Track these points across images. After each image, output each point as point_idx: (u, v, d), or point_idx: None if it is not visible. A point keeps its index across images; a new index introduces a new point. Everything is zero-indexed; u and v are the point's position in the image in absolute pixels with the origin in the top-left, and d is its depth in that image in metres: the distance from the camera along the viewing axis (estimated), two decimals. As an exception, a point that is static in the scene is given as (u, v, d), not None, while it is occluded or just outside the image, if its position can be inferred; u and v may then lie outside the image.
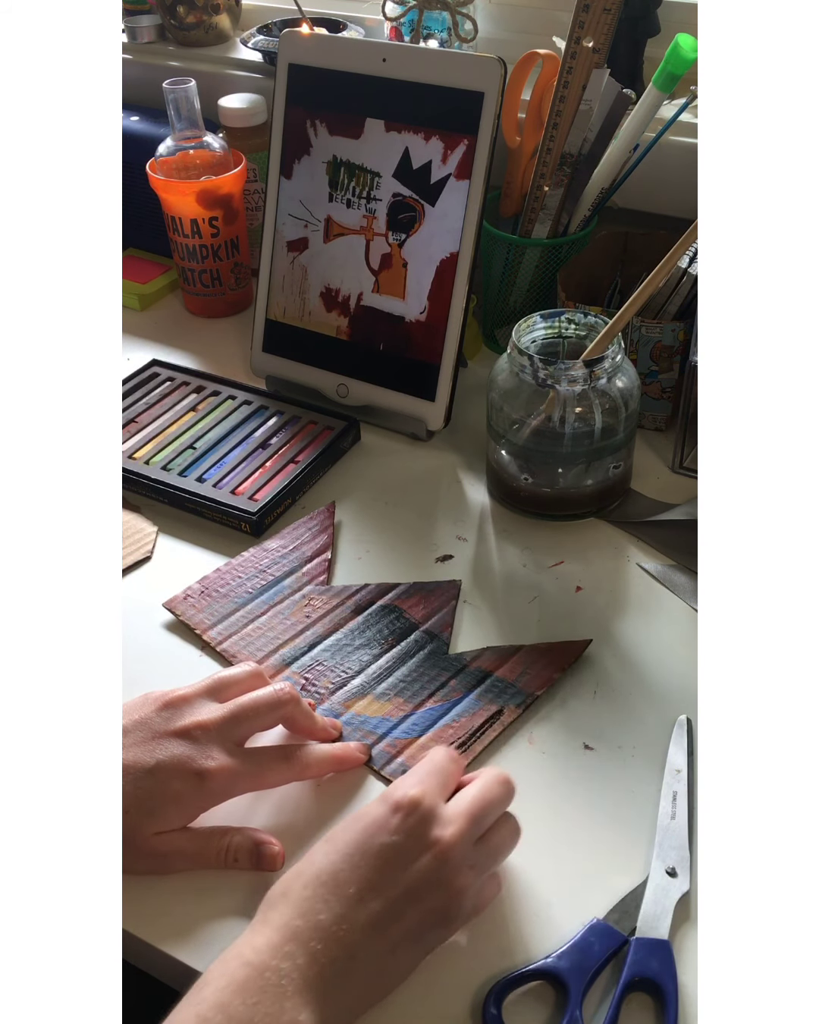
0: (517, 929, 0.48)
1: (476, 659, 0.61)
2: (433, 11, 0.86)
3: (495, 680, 0.59)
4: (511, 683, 0.59)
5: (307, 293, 0.81)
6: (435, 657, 0.61)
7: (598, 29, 0.70)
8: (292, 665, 0.61)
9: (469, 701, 0.58)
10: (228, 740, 0.52)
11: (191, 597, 0.65)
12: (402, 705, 0.58)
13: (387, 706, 0.58)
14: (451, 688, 0.59)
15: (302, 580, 0.67)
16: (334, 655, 0.61)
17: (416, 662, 0.61)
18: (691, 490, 0.72)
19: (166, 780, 0.49)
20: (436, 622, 0.63)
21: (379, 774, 0.55)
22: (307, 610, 0.64)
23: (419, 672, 0.60)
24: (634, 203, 0.83)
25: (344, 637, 0.63)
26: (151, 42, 1.03)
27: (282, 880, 0.46)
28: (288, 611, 0.64)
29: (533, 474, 0.69)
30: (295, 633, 0.63)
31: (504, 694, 0.58)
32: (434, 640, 0.62)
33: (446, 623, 0.63)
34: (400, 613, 0.64)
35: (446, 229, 0.73)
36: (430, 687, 0.59)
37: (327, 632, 0.63)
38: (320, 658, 0.61)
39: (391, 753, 0.56)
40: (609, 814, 0.53)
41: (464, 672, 0.60)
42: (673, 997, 0.45)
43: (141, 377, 0.84)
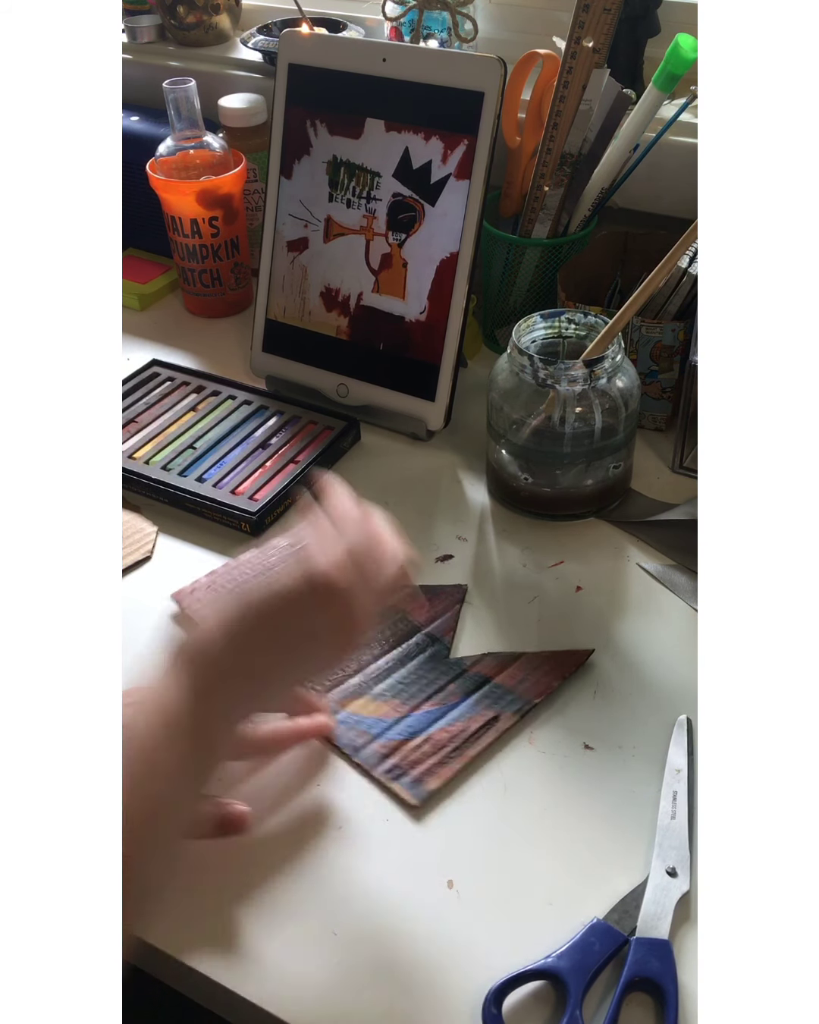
0: (517, 929, 0.48)
1: (476, 664, 0.60)
2: (433, 11, 0.86)
3: (494, 686, 0.59)
4: (509, 689, 0.59)
5: (307, 293, 0.81)
6: (435, 661, 0.61)
7: (598, 29, 0.70)
8: None
9: (466, 706, 0.58)
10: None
11: (197, 591, 0.65)
12: (398, 707, 0.58)
13: (383, 707, 0.58)
14: (449, 692, 0.59)
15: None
16: None
17: (416, 664, 0.61)
18: (691, 490, 0.72)
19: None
20: (439, 625, 0.63)
21: (370, 775, 0.55)
22: None
23: (418, 675, 0.60)
24: (634, 203, 0.83)
25: None
26: (151, 42, 1.03)
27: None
28: None
29: (533, 474, 0.69)
30: None
31: (502, 700, 0.58)
32: (435, 643, 0.62)
33: (449, 627, 0.63)
34: (402, 615, 0.64)
35: (446, 229, 0.73)
36: (428, 690, 0.59)
37: None
38: None
39: (383, 754, 0.56)
40: (609, 814, 0.53)
41: (463, 677, 0.60)
42: (673, 997, 0.45)
43: (141, 377, 0.84)
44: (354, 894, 0.50)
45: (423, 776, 0.54)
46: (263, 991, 0.47)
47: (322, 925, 0.49)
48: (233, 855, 0.52)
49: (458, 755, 0.55)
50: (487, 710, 0.58)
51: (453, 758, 0.55)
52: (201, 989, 0.49)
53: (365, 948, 0.48)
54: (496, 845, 0.52)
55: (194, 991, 0.50)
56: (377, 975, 0.47)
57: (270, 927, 0.49)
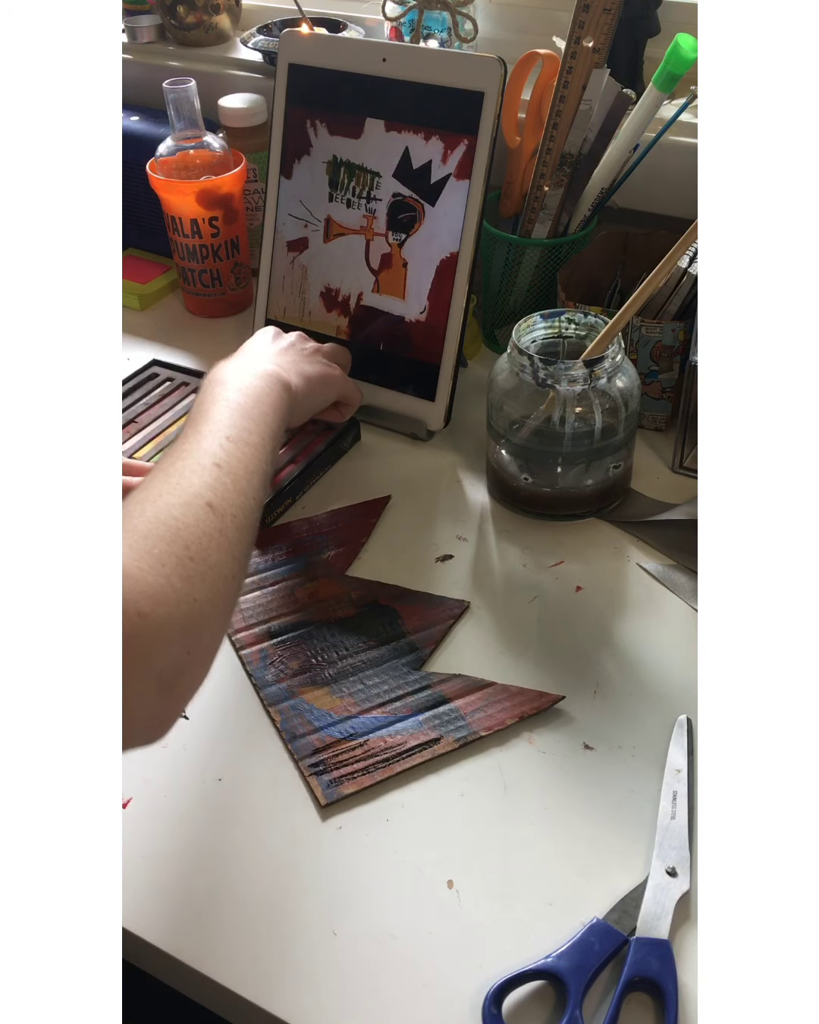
0: (517, 929, 0.48)
1: (442, 683, 0.60)
2: (433, 11, 0.86)
3: (449, 708, 0.58)
4: (462, 715, 0.58)
5: (307, 293, 0.81)
6: (405, 670, 0.61)
7: (598, 29, 0.70)
8: (272, 640, 0.62)
9: (413, 721, 0.57)
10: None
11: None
12: (350, 706, 0.58)
13: (337, 702, 0.59)
14: (404, 703, 0.58)
15: (323, 565, 0.68)
16: (315, 641, 0.62)
17: (384, 669, 0.61)
18: (691, 490, 0.72)
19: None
20: (424, 636, 0.62)
21: (298, 764, 0.56)
22: (312, 591, 0.66)
23: (383, 680, 0.60)
24: (634, 203, 0.83)
25: (335, 627, 0.63)
26: (151, 42, 1.03)
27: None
28: (297, 588, 0.66)
29: (533, 474, 0.69)
30: (291, 610, 0.64)
31: (450, 724, 0.57)
32: (413, 652, 0.61)
33: (433, 640, 0.62)
34: (395, 617, 0.64)
35: (446, 229, 0.73)
36: (385, 697, 0.59)
37: (319, 619, 0.64)
38: (302, 638, 0.62)
39: (316, 747, 0.56)
40: (609, 814, 0.53)
41: (424, 691, 0.59)
42: (673, 997, 0.45)
43: (141, 377, 0.84)
44: (354, 894, 0.50)
45: (342, 779, 0.55)
46: (263, 991, 0.47)
47: (322, 925, 0.49)
48: (233, 855, 0.52)
49: (384, 767, 0.55)
50: (431, 730, 0.57)
51: (378, 768, 0.55)
52: (201, 989, 0.49)
53: (365, 948, 0.48)
54: (496, 845, 0.52)
55: (194, 991, 0.50)
56: (377, 975, 0.47)
57: (270, 927, 0.49)
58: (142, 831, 0.53)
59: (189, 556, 0.45)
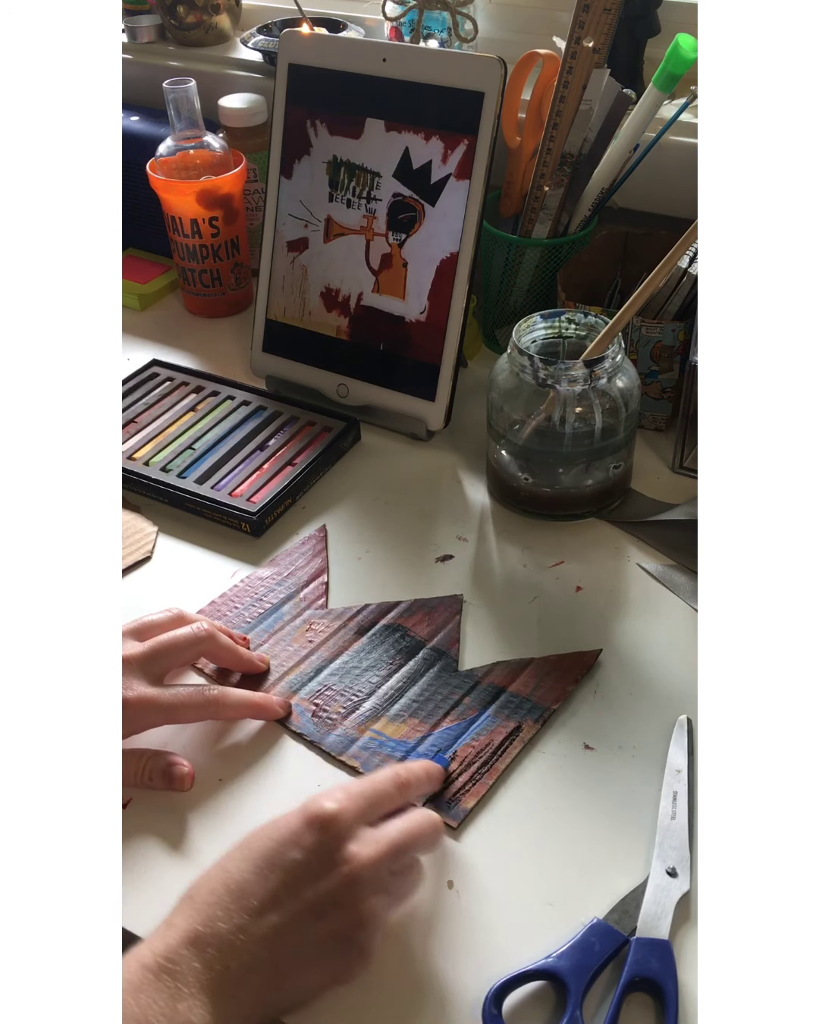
0: (517, 929, 0.48)
1: (488, 674, 0.59)
2: (433, 11, 0.86)
3: (510, 695, 0.58)
4: (526, 698, 0.58)
5: (307, 293, 0.81)
6: (446, 675, 0.60)
7: (598, 29, 0.70)
8: (300, 691, 0.59)
9: (486, 718, 0.57)
10: (148, 674, 0.55)
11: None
12: (418, 726, 0.57)
13: (403, 727, 0.57)
14: (466, 706, 0.58)
15: (301, 605, 0.65)
16: (342, 679, 0.60)
17: (427, 680, 0.59)
18: (691, 490, 0.72)
19: None
20: (443, 639, 0.62)
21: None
22: (309, 635, 0.63)
23: (432, 691, 0.59)
24: (634, 203, 0.83)
25: (350, 660, 0.61)
26: (151, 42, 1.03)
27: (194, 883, 0.45)
28: (289, 637, 0.63)
29: (533, 474, 0.69)
30: (299, 659, 0.61)
31: (520, 709, 0.57)
32: (443, 657, 0.61)
33: (453, 639, 0.62)
34: (405, 632, 0.63)
35: (446, 229, 0.73)
36: (444, 706, 0.58)
37: (332, 656, 0.61)
38: (328, 683, 0.60)
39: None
40: (609, 814, 0.53)
41: (477, 688, 0.59)
42: (673, 997, 0.45)
43: (141, 377, 0.84)
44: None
45: (457, 795, 0.53)
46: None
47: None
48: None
49: (487, 770, 0.54)
50: (508, 720, 0.57)
51: (483, 773, 0.54)
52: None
53: (365, 948, 0.48)
54: (495, 845, 0.52)
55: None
56: (377, 975, 0.47)
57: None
58: (142, 831, 0.53)
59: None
